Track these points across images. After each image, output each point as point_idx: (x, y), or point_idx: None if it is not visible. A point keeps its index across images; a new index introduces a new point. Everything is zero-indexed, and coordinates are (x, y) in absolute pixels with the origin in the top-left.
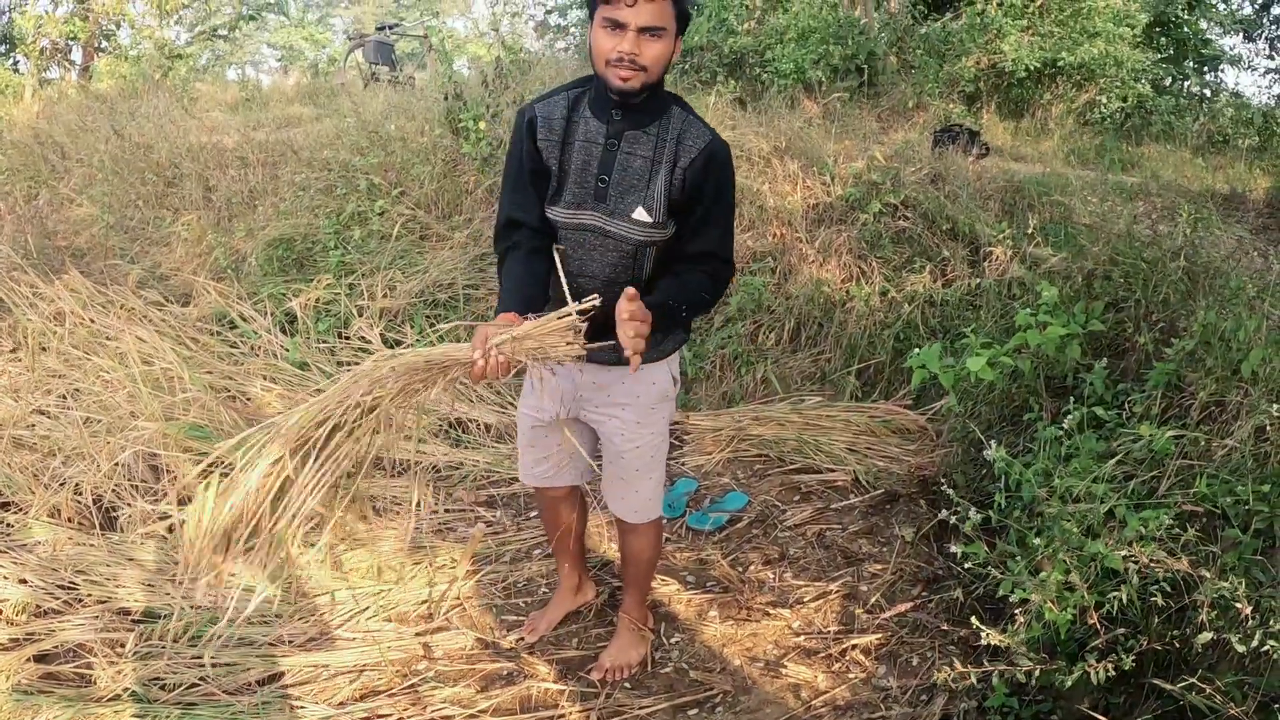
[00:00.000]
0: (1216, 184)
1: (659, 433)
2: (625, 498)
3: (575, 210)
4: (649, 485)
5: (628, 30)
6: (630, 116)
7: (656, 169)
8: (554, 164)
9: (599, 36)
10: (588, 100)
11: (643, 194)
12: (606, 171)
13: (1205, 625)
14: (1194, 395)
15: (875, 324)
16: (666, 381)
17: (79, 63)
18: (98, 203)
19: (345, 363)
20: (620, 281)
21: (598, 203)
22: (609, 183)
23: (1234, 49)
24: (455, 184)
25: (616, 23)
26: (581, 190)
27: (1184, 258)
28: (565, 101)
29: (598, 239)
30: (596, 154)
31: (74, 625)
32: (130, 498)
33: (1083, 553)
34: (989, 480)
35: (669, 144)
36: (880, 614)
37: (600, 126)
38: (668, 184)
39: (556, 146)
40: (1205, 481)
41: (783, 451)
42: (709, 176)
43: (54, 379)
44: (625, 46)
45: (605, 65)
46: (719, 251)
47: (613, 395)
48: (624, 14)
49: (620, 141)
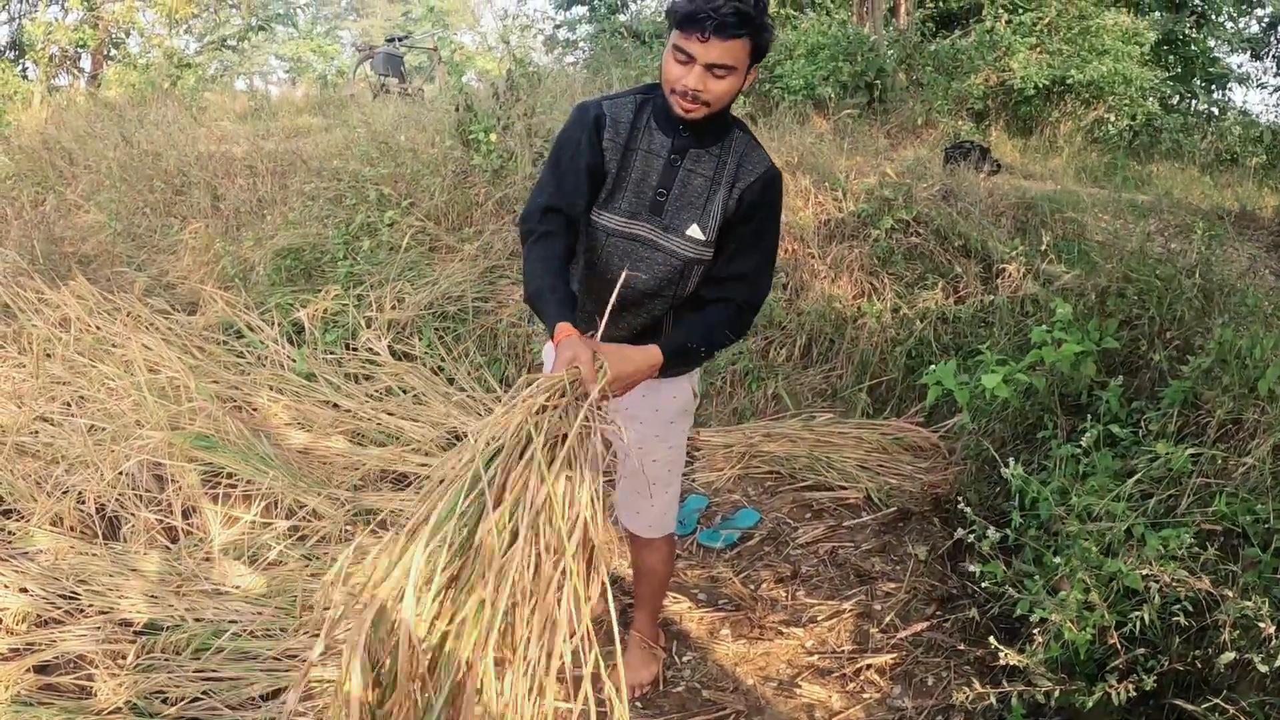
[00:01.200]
0: (1226, 202)
1: (676, 446)
2: (640, 512)
3: (630, 220)
4: (664, 500)
5: (695, 64)
6: (695, 134)
7: (715, 188)
8: (614, 167)
9: (669, 61)
10: (652, 110)
11: (699, 212)
12: (666, 186)
13: (1227, 645)
14: (1211, 413)
15: (887, 340)
16: (687, 395)
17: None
18: (105, 209)
19: (352, 374)
20: (663, 295)
21: (653, 215)
22: (667, 197)
23: (1241, 67)
24: (465, 196)
25: (687, 55)
26: (638, 201)
27: (1198, 275)
28: (633, 105)
29: (647, 251)
30: (658, 167)
31: (75, 636)
32: (134, 507)
33: (1102, 572)
34: (1003, 498)
35: (730, 164)
36: (895, 633)
37: (665, 140)
38: (724, 203)
39: (620, 150)
40: (1224, 500)
41: (794, 468)
42: (765, 200)
43: (58, 386)
44: (690, 82)
45: (671, 91)
46: (752, 276)
47: (632, 409)
48: (695, 48)
49: (683, 158)
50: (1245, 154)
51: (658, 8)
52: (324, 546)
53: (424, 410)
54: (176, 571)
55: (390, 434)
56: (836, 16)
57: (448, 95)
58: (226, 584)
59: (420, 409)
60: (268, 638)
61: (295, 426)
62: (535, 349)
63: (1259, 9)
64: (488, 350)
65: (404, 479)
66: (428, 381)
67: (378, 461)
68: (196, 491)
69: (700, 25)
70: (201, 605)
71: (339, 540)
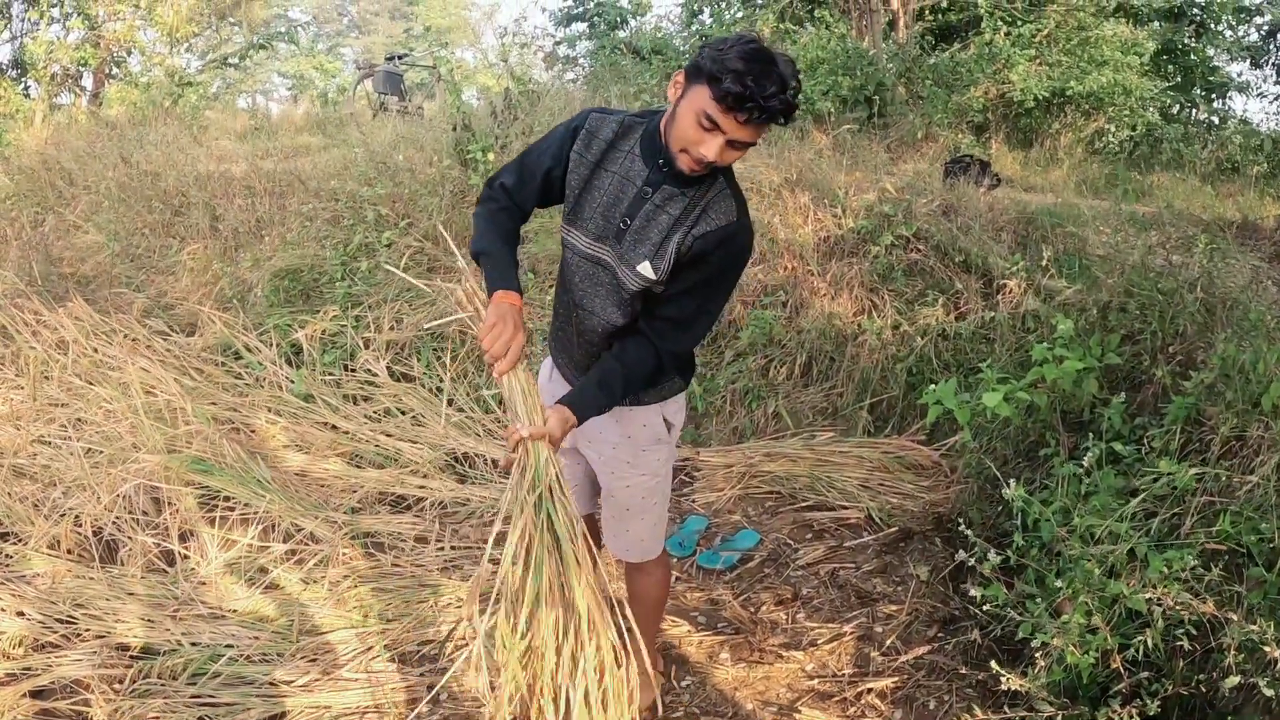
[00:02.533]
0: (1227, 212)
1: (652, 474)
2: (617, 535)
3: (595, 243)
4: (641, 526)
5: (720, 137)
6: (676, 175)
7: (677, 229)
8: (575, 180)
9: (691, 122)
10: (640, 136)
11: (654, 249)
12: (631, 216)
13: (1233, 669)
14: (1214, 430)
15: (887, 358)
16: (659, 424)
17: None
18: (104, 230)
19: (350, 395)
20: (617, 321)
21: (615, 242)
22: (629, 227)
23: (1241, 76)
24: (464, 216)
25: (715, 124)
26: (606, 225)
27: (1200, 289)
28: (617, 125)
29: (607, 276)
30: (629, 194)
31: (71, 660)
32: (131, 531)
33: (1104, 594)
34: (1005, 517)
35: (697, 208)
36: (896, 656)
37: (643, 170)
38: (679, 245)
39: (587, 165)
40: (1229, 519)
41: (794, 488)
42: (717, 253)
43: (56, 408)
44: (710, 153)
45: (681, 150)
46: (686, 323)
47: (604, 432)
48: (727, 124)
49: (655, 192)
50: (1246, 163)
51: (657, 24)
52: (321, 570)
53: (423, 431)
54: (173, 595)
55: (389, 455)
56: (836, 30)
57: (447, 114)
58: (223, 608)
59: (419, 430)
60: (265, 662)
61: (293, 448)
62: (533, 370)
63: (1258, 17)
64: (486, 371)
65: (402, 501)
66: (426, 402)
67: (376, 483)
68: (194, 515)
69: (744, 110)
70: (198, 629)
71: (337, 563)
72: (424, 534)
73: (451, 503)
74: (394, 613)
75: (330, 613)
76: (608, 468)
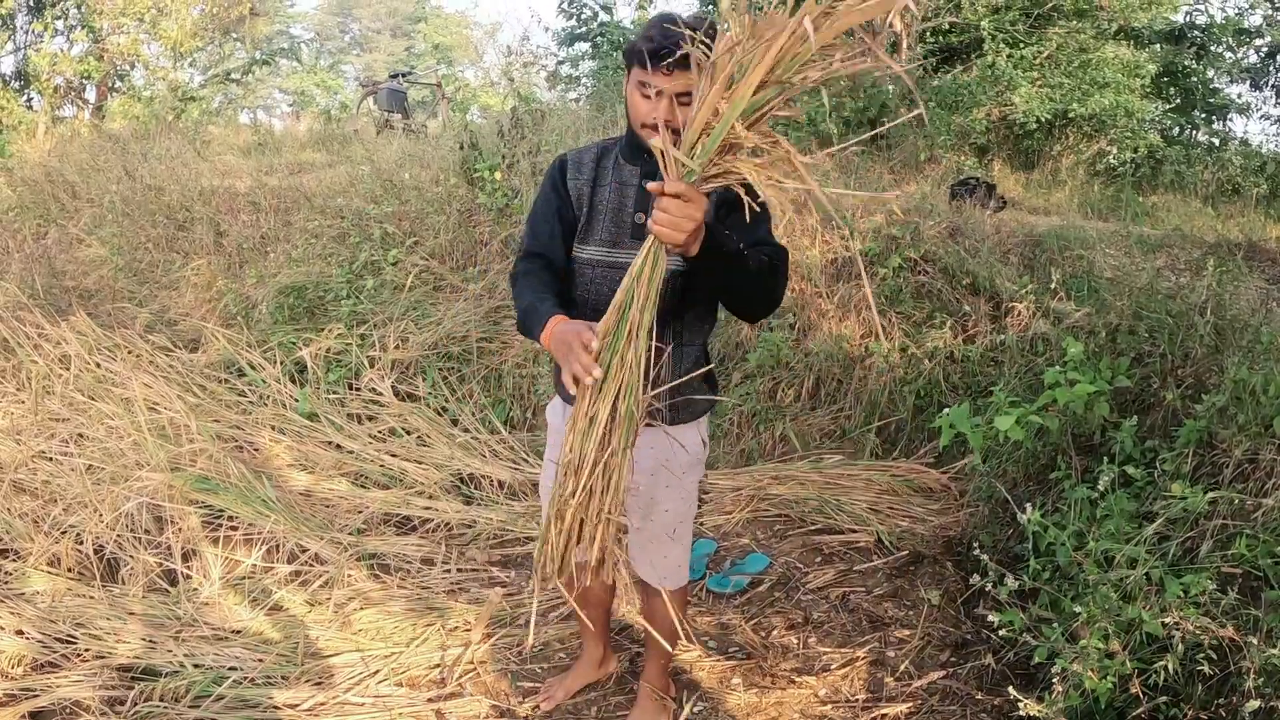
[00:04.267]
0: (1229, 233)
1: (686, 498)
2: (654, 564)
3: (612, 249)
4: (678, 551)
5: (664, 97)
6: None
7: None
8: (584, 204)
9: (636, 99)
10: (617, 150)
11: None
12: (644, 209)
13: (1252, 693)
14: (1227, 453)
15: (895, 381)
16: (696, 445)
17: (92, 101)
18: (107, 244)
19: (355, 415)
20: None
21: (634, 241)
22: (646, 220)
23: (1241, 97)
24: (470, 235)
25: (654, 89)
26: (618, 229)
27: (1210, 311)
28: (595, 151)
29: None
30: (632, 194)
31: (71, 681)
32: (133, 549)
33: (1121, 618)
34: (1016, 540)
35: None
36: (910, 681)
37: (634, 170)
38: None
39: (588, 186)
40: (1244, 543)
41: (803, 511)
42: (747, 190)
43: (58, 423)
44: (663, 114)
45: (642, 126)
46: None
47: (639, 459)
48: (660, 82)
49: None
50: (1247, 184)
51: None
52: (326, 591)
53: (428, 452)
54: (176, 616)
55: (394, 476)
56: None
57: (452, 132)
58: (227, 629)
59: (424, 451)
60: (268, 685)
61: (297, 468)
62: (540, 391)
63: (1258, 39)
64: (492, 391)
65: (408, 522)
66: (431, 423)
67: (381, 504)
68: (197, 534)
69: (662, 60)
70: (201, 651)
71: (342, 585)
72: (430, 556)
73: (458, 524)
74: (400, 636)
75: (335, 635)
76: (646, 495)
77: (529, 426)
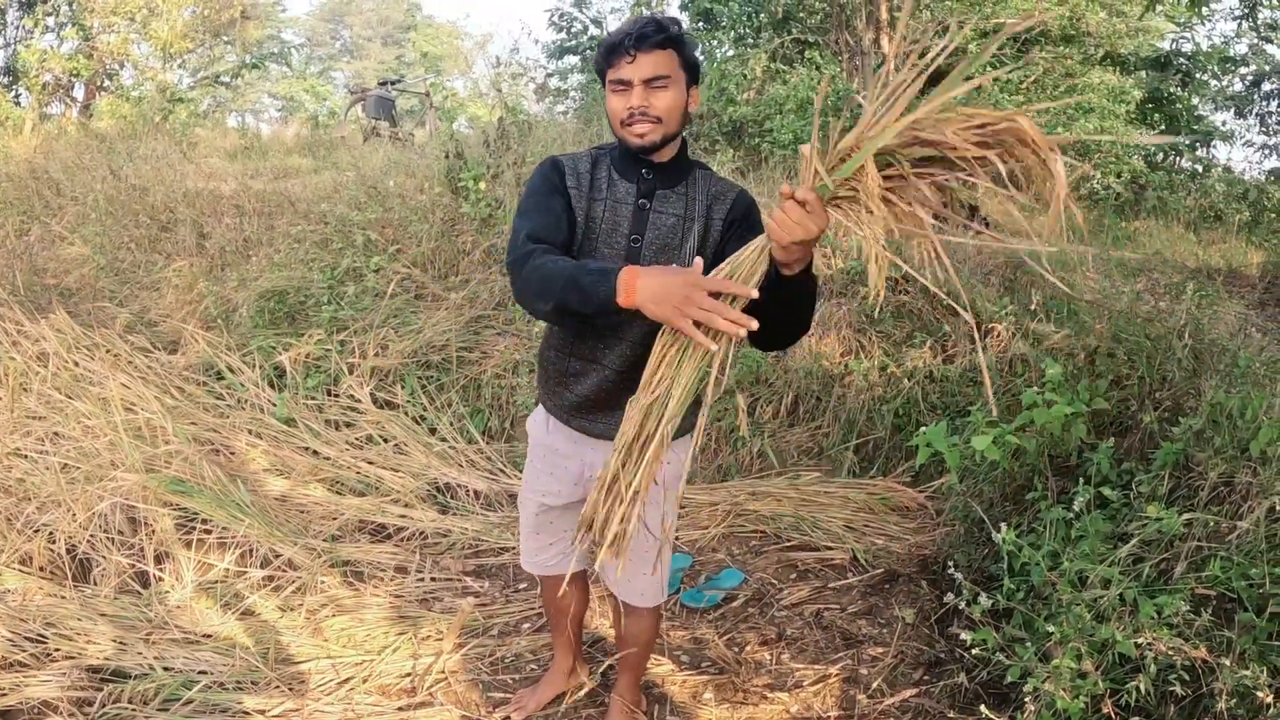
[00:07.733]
0: (1211, 259)
1: (669, 514)
2: (633, 580)
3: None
4: (661, 568)
5: (634, 86)
6: (660, 176)
7: (688, 226)
8: (580, 215)
9: (611, 100)
10: (610, 162)
11: (676, 252)
12: (639, 231)
13: (1224, 715)
14: (1203, 475)
15: (874, 399)
16: (680, 461)
17: (80, 99)
18: (90, 243)
19: (333, 421)
20: (649, 350)
21: (630, 263)
22: (642, 242)
23: (1225, 125)
24: (453, 244)
25: (622, 81)
26: (612, 252)
27: (1188, 335)
28: (588, 159)
29: None
30: (627, 214)
31: (40, 681)
32: (106, 550)
33: (1095, 639)
34: (991, 560)
35: (699, 201)
36: (882, 699)
37: (630, 187)
38: (702, 238)
39: (583, 198)
40: (1219, 565)
41: (779, 527)
42: (750, 215)
43: (34, 421)
44: (634, 101)
45: (621, 125)
46: None
47: None
48: (626, 71)
49: (651, 201)
50: (1229, 211)
51: None
52: (299, 597)
53: (405, 460)
54: (147, 618)
55: (370, 483)
56: (826, 71)
57: (438, 141)
58: (198, 633)
59: (401, 459)
60: (239, 690)
61: (273, 473)
62: (519, 402)
63: (1243, 67)
64: (471, 401)
65: (383, 530)
66: (409, 431)
67: (356, 511)
68: (170, 536)
69: (624, 47)
70: (171, 654)
71: (315, 591)
72: (404, 564)
73: (433, 533)
74: (372, 644)
75: (307, 641)
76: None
77: (507, 437)
